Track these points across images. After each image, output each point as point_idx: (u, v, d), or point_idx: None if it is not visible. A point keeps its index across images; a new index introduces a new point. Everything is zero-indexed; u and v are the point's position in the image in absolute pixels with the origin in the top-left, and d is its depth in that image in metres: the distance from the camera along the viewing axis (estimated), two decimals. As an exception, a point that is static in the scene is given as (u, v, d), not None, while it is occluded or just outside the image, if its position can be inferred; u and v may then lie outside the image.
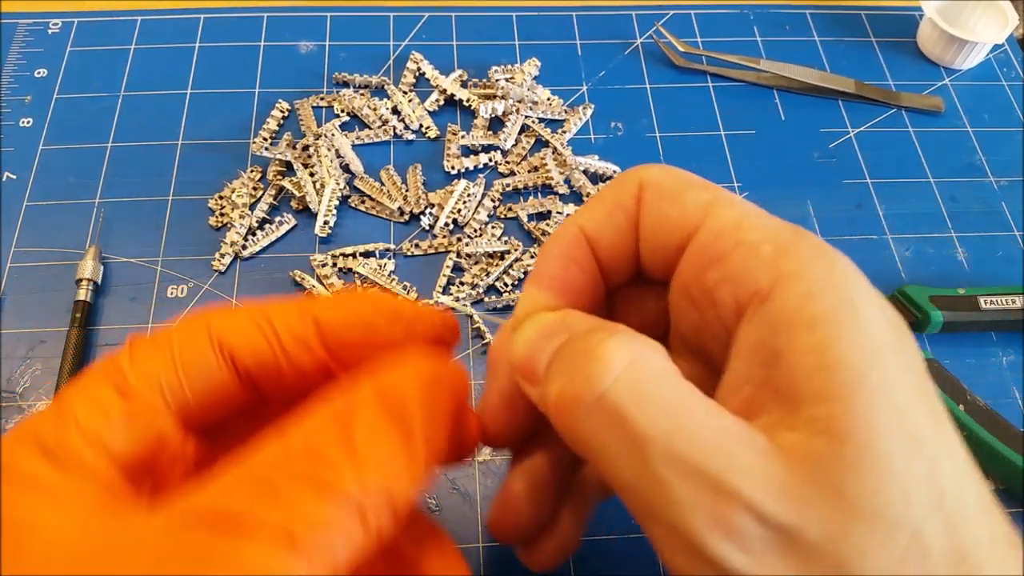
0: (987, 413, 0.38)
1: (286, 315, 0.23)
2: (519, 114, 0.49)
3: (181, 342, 0.22)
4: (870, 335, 0.19)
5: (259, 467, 0.19)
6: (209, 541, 0.17)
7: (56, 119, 0.49)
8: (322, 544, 0.17)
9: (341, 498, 0.18)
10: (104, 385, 0.21)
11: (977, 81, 0.55)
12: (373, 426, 0.19)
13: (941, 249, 0.47)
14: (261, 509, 0.17)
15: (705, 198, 0.23)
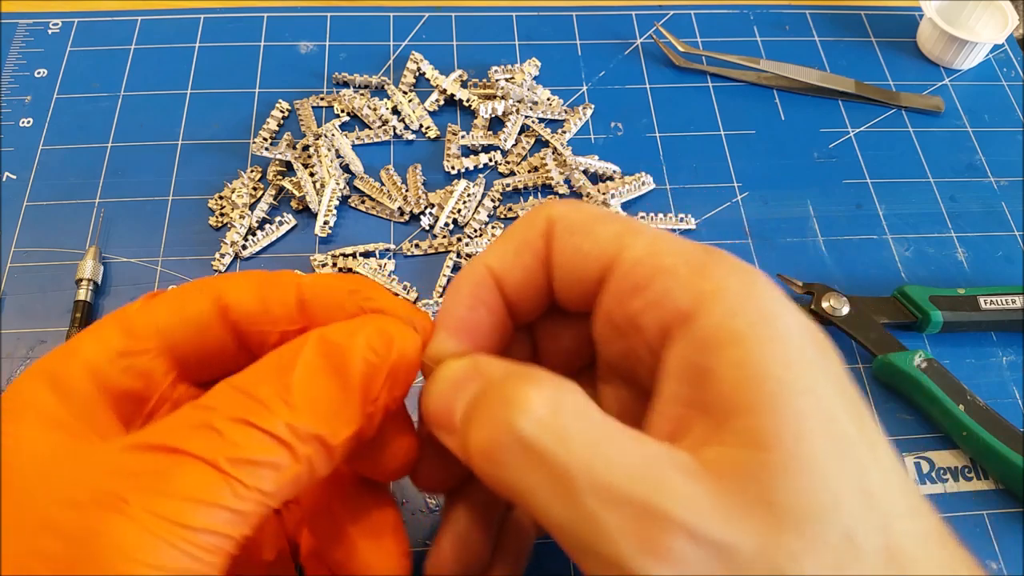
0: (987, 413, 0.38)
1: (278, 282, 0.26)
2: (519, 114, 0.49)
3: (187, 296, 0.25)
4: (791, 346, 0.20)
5: (202, 406, 0.21)
6: (145, 467, 0.20)
7: (56, 119, 0.49)
8: (247, 476, 0.20)
9: (268, 436, 0.20)
10: (111, 326, 0.24)
11: (977, 81, 0.55)
12: (309, 371, 0.22)
13: (941, 249, 0.47)
14: (194, 443, 0.20)
15: (616, 229, 0.24)
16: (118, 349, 0.24)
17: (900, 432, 0.40)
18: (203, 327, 0.25)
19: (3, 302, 0.42)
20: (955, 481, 0.39)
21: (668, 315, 0.21)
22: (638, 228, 0.24)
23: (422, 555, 0.36)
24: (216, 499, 0.19)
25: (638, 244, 0.23)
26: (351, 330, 0.23)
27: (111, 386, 0.24)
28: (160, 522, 0.19)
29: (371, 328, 0.23)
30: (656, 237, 0.23)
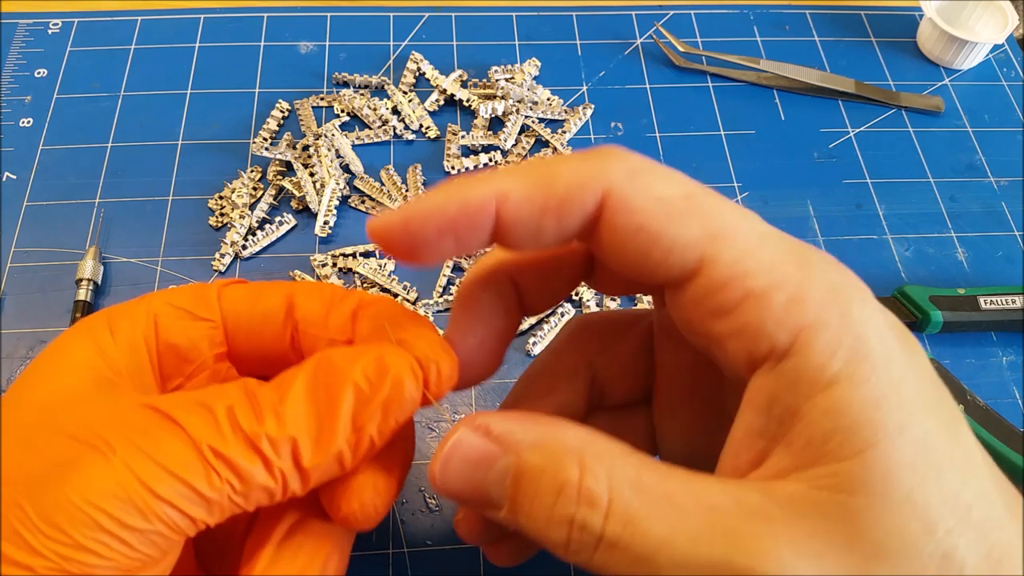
0: (987, 413, 0.38)
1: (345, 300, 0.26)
2: (519, 114, 0.49)
3: (264, 291, 0.26)
4: (885, 383, 0.19)
5: (217, 392, 0.22)
6: (143, 425, 0.21)
7: (56, 119, 0.49)
8: (223, 470, 0.20)
9: (247, 444, 0.21)
10: (188, 290, 0.26)
11: (977, 81, 0.55)
12: (304, 389, 0.22)
13: (941, 249, 0.47)
14: (191, 420, 0.21)
15: (695, 234, 0.20)
16: (186, 308, 0.26)
17: (900, 432, 0.40)
18: (268, 319, 0.26)
19: (3, 302, 0.42)
20: (955, 481, 0.39)
21: (760, 348, 0.20)
22: (722, 230, 0.20)
23: (422, 555, 0.36)
24: (188, 477, 0.20)
25: (723, 257, 0.20)
26: (352, 356, 0.23)
27: (163, 340, 0.25)
28: (131, 477, 0.20)
29: (370, 357, 0.23)
30: (744, 247, 0.20)
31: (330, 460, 0.22)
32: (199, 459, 0.20)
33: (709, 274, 0.20)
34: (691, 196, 0.20)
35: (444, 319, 0.42)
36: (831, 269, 0.20)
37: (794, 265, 0.20)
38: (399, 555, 0.36)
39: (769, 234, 0.21)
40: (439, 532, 0.36)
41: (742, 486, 0.19)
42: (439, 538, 0.36)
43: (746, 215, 0.21)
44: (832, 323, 0.19)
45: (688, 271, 0.20)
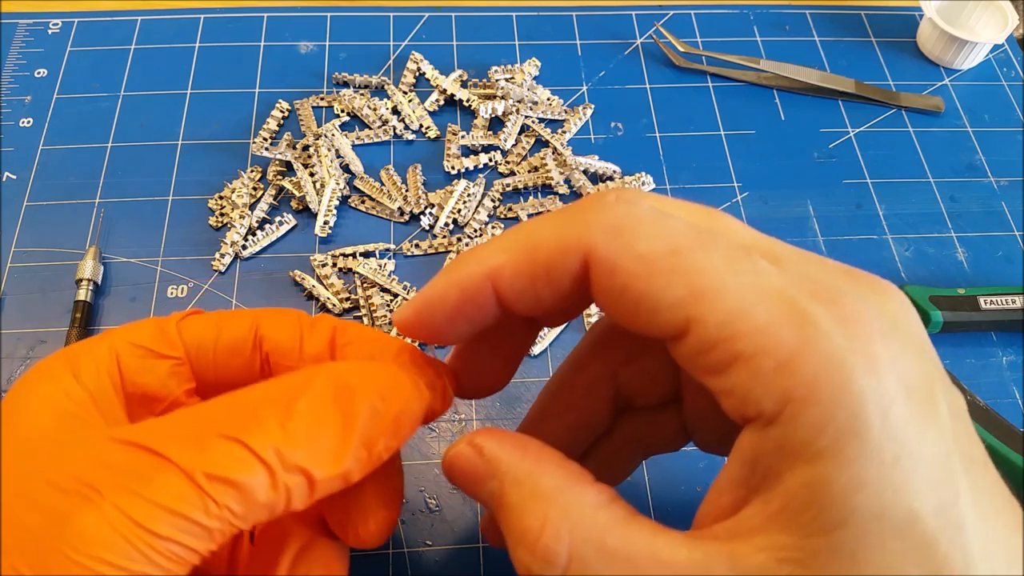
0: (987, 413, 0.38)
1: (317, 325, 0.26)
2: (519, 114, 0.49)
3: (228, 319, 0.26)
4: (877, 463, 0.18)
5: (197, 413, 0.21)
6: (127, 464, 0.20)
7: (56, 119, 0.49)
8: (221, 494, 0.20)
9: (253, 457, 0.20)
10: (149, 326, 0.25)
11: (977, 81, 0.55)
12: (316, 401, 0.21)
13: (941, 249, 0.47)
14: (177, 450, 0.20)
15: (679, 294, 0.19)
16: (148, 347, 0.25)
17: (900, 432, 0.40)
18: (236, 350, 0.26)
19: (3, 302, 0.42)
20: (955, 481, 0.39)
21: (746, 409, 0.19)
22: (709, 289, 0.19)
23: (422, 555, 0.36)
24: (185, 511, 0.19)
25: (710, 319, 0.19)
26: (366, 372, 0.23)
27: (129, 380, 0.24)
28: (126, 522, 0.19)
29: (385, 375, 0.23)
30: (734, 307, 0.19)
31: (338, 475, 0.22)
32: (193, 489, 0.20)
33: (697, 334, 0.19)
34: (677, 252, 0.19)
35: (444, 319, 0.42)
36: (838, 332, 0.18)
37: (792, 327, 0.18)
38: (399, 555, 0.36)
39: (767, 289, 0.19)
40: (439, 532, 0.36)
41: (710, 553, 0.19)
42: (439, 538, 0.36)
43: (741, 269, 0.19)
44: (824, 398, 0.18)
45: (677, 330, 0.20)
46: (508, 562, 0.35)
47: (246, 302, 0.42)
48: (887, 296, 0.21)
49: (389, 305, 0.42)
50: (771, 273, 0.19)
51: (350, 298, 0.42)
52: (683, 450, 0.39)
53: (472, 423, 0.39)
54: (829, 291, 0.19)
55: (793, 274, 0.20)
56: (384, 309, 0.42)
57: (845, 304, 0.19)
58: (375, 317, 0.41)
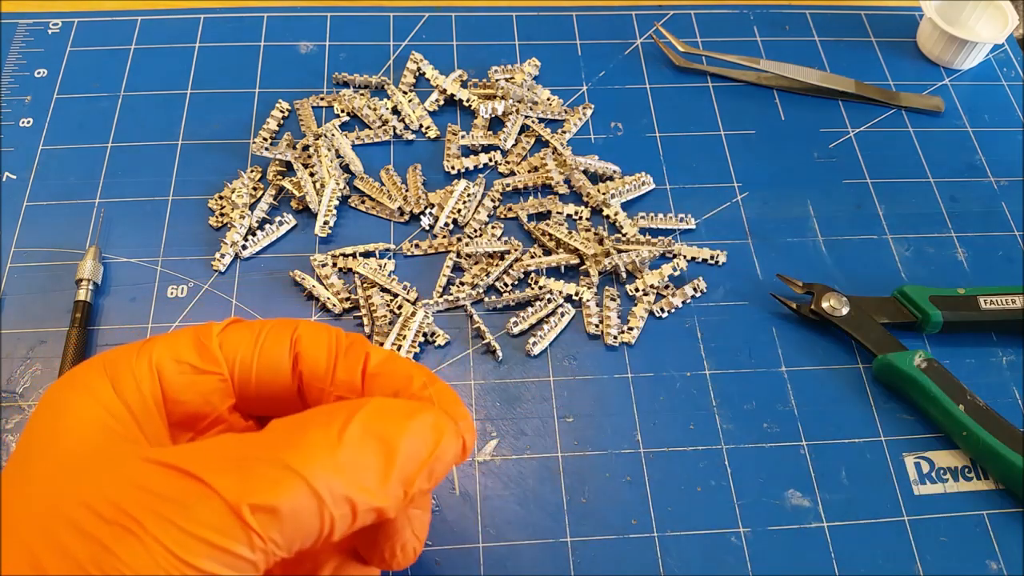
0: (987, 413, 0.38)
1: (352, 348, 0.26)
2: (519, 114, 0.49)
3: (268, 332, 0.26)
4: None
5: (245, 442, 0.21)
6: (169, 491, 0.19)
7: (56, 119, 0.49)
8: (265, 526, 0.19)
9: (302, 486, 0.20)
10: (189, 340, 0.25)
11: (977, 81, 0.55)
12: (362, 435, 0.21)
13: (941, 249, 0.47)
14: (223, 480, 0.19)
15: None
16: (191, 363, 0.24)
17: (900, 432, 0.40)
18: (275, 365, 0.25)
19: (3, 302, 0.42)
20: (955, 481, 0.39)
21: None
22: None
23: (422, 555, 0.36)
24: (228, 546, 0.19)
25: None
26: (409, 411, 0.23)
27: (171, 398, 0.24)
28: (169, 557, 0.19)
29: (427, 417, 0.23)
30: None
31: (377, 508, 0.22)
32: (236, 522, 0.19)
33: None
34: None
35: (444, 319, 0.42)
36: None
37: None
38: (399, 555, 0.36)
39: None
40: (439, 532, 0.36)
41: None
42: (439, 538, 0.36)
43: None
44: None
45: None
46: (508, 562, 0.35)
47: (246, 302, 0.42)
48: None
49: (389, 305, 0.42)
50: None
51: (350, 298, 0.42)
52: (683, 450, 0.39)
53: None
54: None
55: None
56: (384, 309, 0.42)
57: None
58: (375, 317, 0.41)
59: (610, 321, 0.42)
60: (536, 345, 0.41)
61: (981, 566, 0.37)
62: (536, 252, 0.45)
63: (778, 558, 0.36)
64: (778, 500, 0.38)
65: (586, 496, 0.37)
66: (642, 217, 0.46)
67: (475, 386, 0.40)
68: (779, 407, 0.40)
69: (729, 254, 0.45)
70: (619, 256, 0.43)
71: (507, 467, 0.38)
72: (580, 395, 0.40)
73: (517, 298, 0.43)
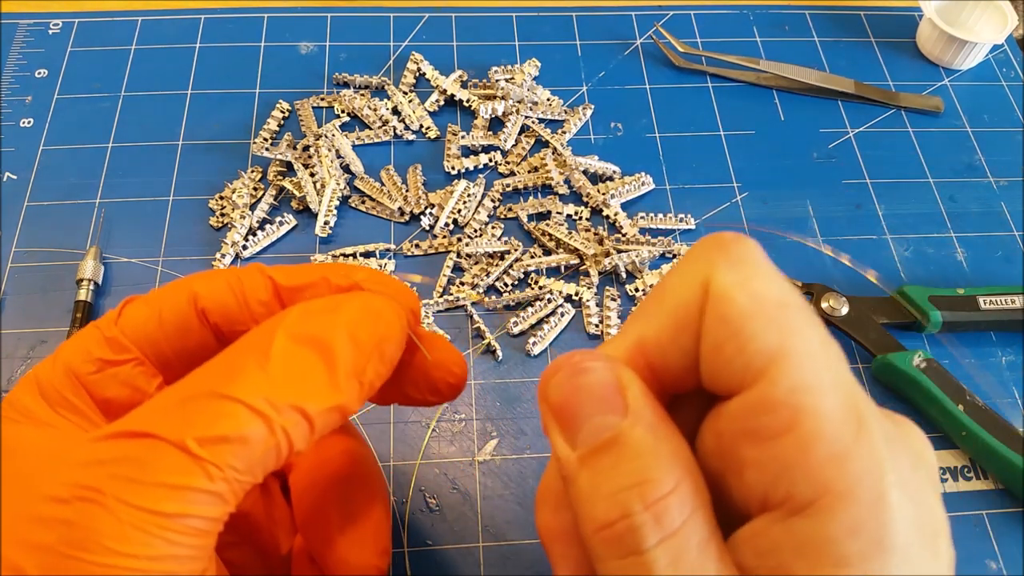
0: (987, 413, 0.38)
1: (251, 278, 0.26)
2: (519, 114, 0.49)
3: (164, 301, 0.25)
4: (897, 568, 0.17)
5: (175, 387, 0.21)
6: (118, 455, 0.19)
7: (57, 119, 0.49)
8: (218, 455, 0.19)
9: (242, 408, 0.20)
10: (91, 335, 0.24)
11: (976, 81, 0.55)
12: (290, 343, 0.21)
13: (941, 249, 0.47)
14: (163, 425, 0.20)
15: (770, 344, 0.18)
16: (101, 357, 0.24)
17: (900, 432, 0.40)
18: (183, 330, 0.25)
19: (3, 302, 0.42)
20: (955, 481, 0.39)
21: (776, 489, 0.18)
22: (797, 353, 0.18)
23: (422, 555, 0.36)
24: (188, 483, 0.19)
25: (784, 380, 0.18)
26: (333, 305, 0.23)
27: (97, 396, 0.24)
28: (135, 512, 0.19)
29: (355, 302, 0.23)
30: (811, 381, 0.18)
31: (334, 407, 0.21)
32: (188, 458, 0.19)
33: (763, 392, 0.18)
34: (784, 305, 0.19)
35: (444, 319, 0.42)
36: (883, 446, 0.18)
37: (852, 424, 0.18)
38: (399, 555, 0.36)
39: (840, 381, 0.18)
40: (439, 532, 0.36)
41: None
42: (439, 538, 0.36)
43: (829, 353, 0.19)
44: (863, 500, 0.17)
45: (746, 380, 0.19)
46: (508, 562, 0.35)
47: (246, 302, 0.42)
48: (915, 433, 0.21)
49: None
50: (845, 371, 0.19)
51: (350, 298, 0.42)
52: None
53: (472, 422, 0.39)
54: (874, 409, 0.19)
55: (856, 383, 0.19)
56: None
57: (885, 424, 0.19)
58: (375, 317, 0.42)
59: (610, 321, 0.42)
60: (536, 345, 0.41)
61: (981, 566, 0.37)
62: (536, 252, 0.45)
63: (778, 558, 0.36)
64: (778, 500, 0.38)
65: (586, 496, 0.37)
66: (642, 217, 0.46)
67: (475, 386, 0.40)
68: (779, 407, 0.40)
69: (729, 254, 0.45)
70: (619, 256, 0.43)
71: (507, 467, 0.38)
72: (580, 395, 0.40)
73: (517, 298, 0.43)
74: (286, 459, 0.21)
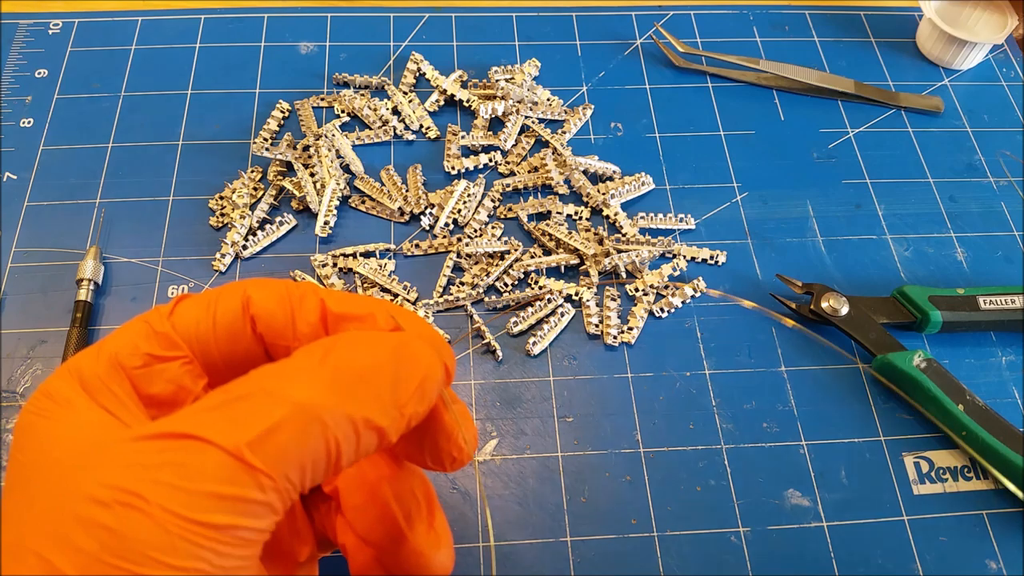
0: (987, 413, 0.38)
1: (304, 297, 0.25)
2: (519, 115, 0.49)
3: (220, 302, 0.25)
4: None
5: (225, 390, 0.21)
6: (163, 458, 0.19)
7: (57, 119, 0.49)
8: (275, 463, 0.19)
9: (296, 409, 0.19)
10: (142, 330, 0.24)
11: (976, 81, 0.55)
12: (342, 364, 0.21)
13: (941, 249, 0.47)
14: (212, 428, 0.19)
15: None
16: (150, 352, 0.24)
17: (900, 432, 0.40)
18: (235, 334, 0.25)
19: (3, 302, 0.42)
20: (955, 481, 0.39)
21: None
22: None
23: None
24: (239, 493, 0.18)
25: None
26: (384, 338, 0.23)
27: (142, 391, 0.23)
28: (177, 521, 0.18)
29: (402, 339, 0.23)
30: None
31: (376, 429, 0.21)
32: (240, 466, 0.18)
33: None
34: None
35: (444, 319, 0.42)
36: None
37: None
38: (399, 555, 0.36)
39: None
40: (439, 532, 0.36)
41: None
42: (439, 538, 0.36)
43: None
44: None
45: None
46: (508, 562, 0.35)
47: (246, 302, 0.42)
48: None
49: (389, 305, 0.42)
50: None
51: (350, 298, 0.42)
52: (683, 450, 0.39)
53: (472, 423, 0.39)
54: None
55: None
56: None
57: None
58: (375, 317, 0.42)
59: (610, 321, 0.42)
60: (536, 345, 0.41)
61: (980, 566, 0.37)
62: (536, 252, 0.45)
63: (778, 558, 0.36)
64: (777, 500, 0.38)
65: (586, 496, 0.37)
66: (642, 217, 0.46)
67: (475, 386, 0.40)
68: (779, 407, 0.41)
69: (729, 254, 0.45)
70: (619, 256, 0.43)
71: (507, 467, 0.38)
72: (580, 395, 0.40)
73: (517, 298, 0.43)
74: (333, 473, 0.21)
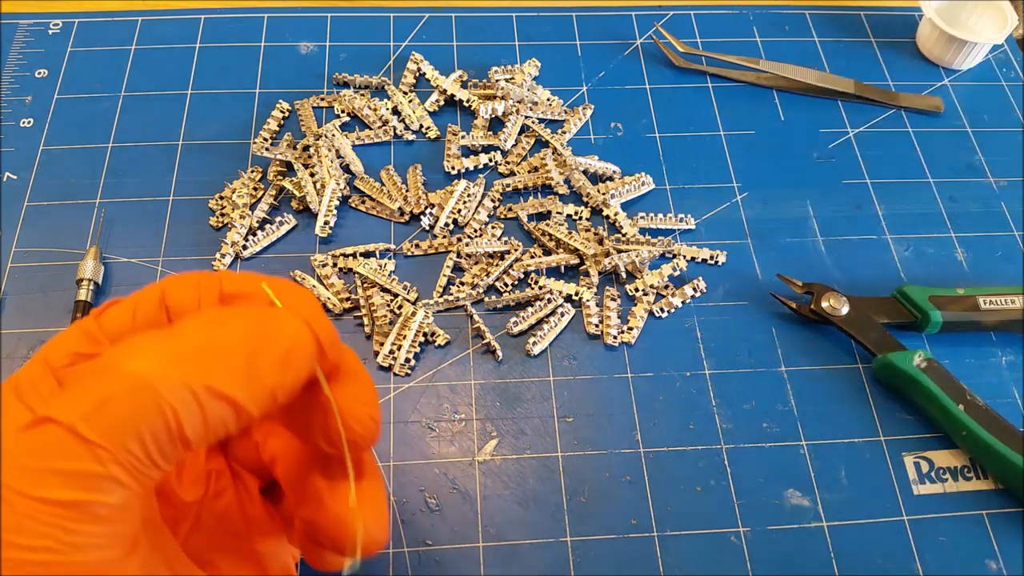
0: (987, 413, 0.38)
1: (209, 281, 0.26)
2: (519, 115, 0.49)
3: (139, 299, 0.25)
4: None
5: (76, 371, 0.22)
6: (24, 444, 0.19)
7: (57, 119, 0.49)
8: (111, 435, 0.19)
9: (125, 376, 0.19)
10: (73, 332, 0.25)
11: (976, 81, 0.55)
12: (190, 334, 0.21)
13: (941, 249, 0.47)
14: (57, 408, 0.19)
15: None
16: (77, 351, 0.24)
17: (900, 432, 0.40)
18: (152, 325, 0.25)
19: (3, 302, 0.42)
20: (955, 481, 0.39)
21: None
22: None
23: (422, 555, 0.36)
24: (75, 467, 0.18)
25: None
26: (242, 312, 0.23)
27: None
28: (25, 500, 0.18)
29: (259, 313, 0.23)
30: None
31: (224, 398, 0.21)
32: (76, 439, 0.18)
33: None
34: None
35: (444, 319, 0.42)
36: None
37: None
38: (399, 555, 0.36)
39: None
40: (439, 532, 0.36)
41: None
42: (439, 538, 0.36)
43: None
44: None
45: None
46: (508, 562, 0.35)
47: (246, 302, 0.42)
48: None
49: (389, 305, 0.42)
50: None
51: (350, 298, 0.42)
52: (683, 450, 0.39)
53: (472, 422, 0.39)
54: None
55: None
56: (384, 309, 0.42)
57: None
58: (375, 317, 0.42)
59: (610, 321, 0.42)
60: (536, 345, 0.41)
61: (980, 566, 0.37)
62: (536, 252, 0.45)
63: (778, 558, 0.36)
64: (777, 500, 0.38)
65: (586, 496, 0.37)
66: (642, 217, 0.46)
67: (475, 386, 0.40)
68: (778, 407, 0.41)
69: (729, 254, 0.45)
70: (619, 256, 0.43)
71: (507, 467, 0.38)
72: (580, 395, 0.40)
73: (517, 298, 0.43)
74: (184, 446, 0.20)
